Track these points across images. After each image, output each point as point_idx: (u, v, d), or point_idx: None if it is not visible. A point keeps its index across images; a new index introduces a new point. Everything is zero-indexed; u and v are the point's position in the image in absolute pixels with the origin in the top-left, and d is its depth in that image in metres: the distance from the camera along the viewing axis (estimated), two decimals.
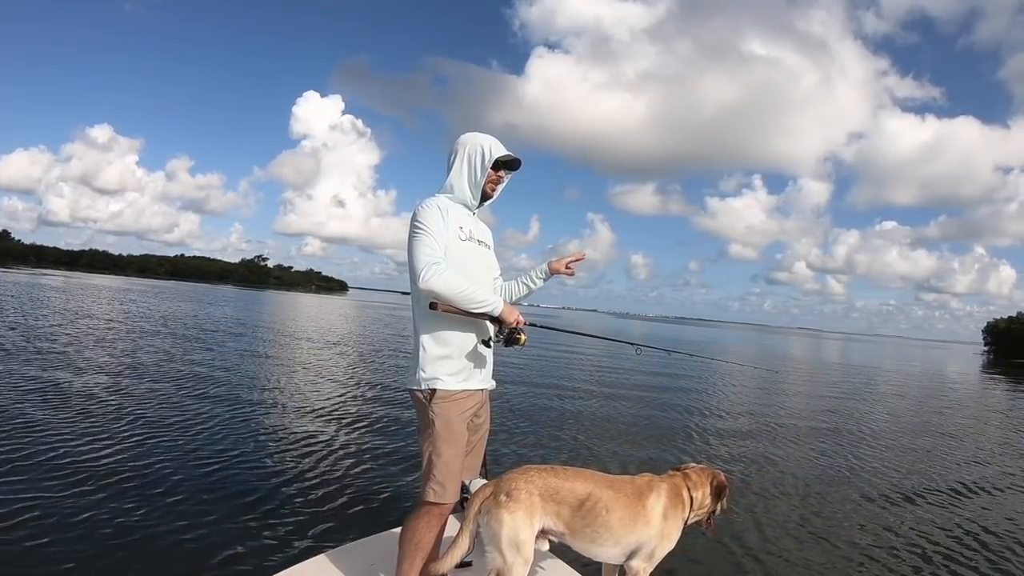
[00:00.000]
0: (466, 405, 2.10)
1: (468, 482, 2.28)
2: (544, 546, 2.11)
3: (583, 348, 21.01)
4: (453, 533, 2.09)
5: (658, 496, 2.14)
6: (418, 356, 2.09)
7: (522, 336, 2.07)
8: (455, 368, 2.07)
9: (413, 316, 2.13)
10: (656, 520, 2.10)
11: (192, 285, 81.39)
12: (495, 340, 2.12)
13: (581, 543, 2.07)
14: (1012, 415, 13.69)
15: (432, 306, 1.98)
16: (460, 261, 2.07)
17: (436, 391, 2.04)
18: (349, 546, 2.69)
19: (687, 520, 2.20)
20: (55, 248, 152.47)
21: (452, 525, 2.28)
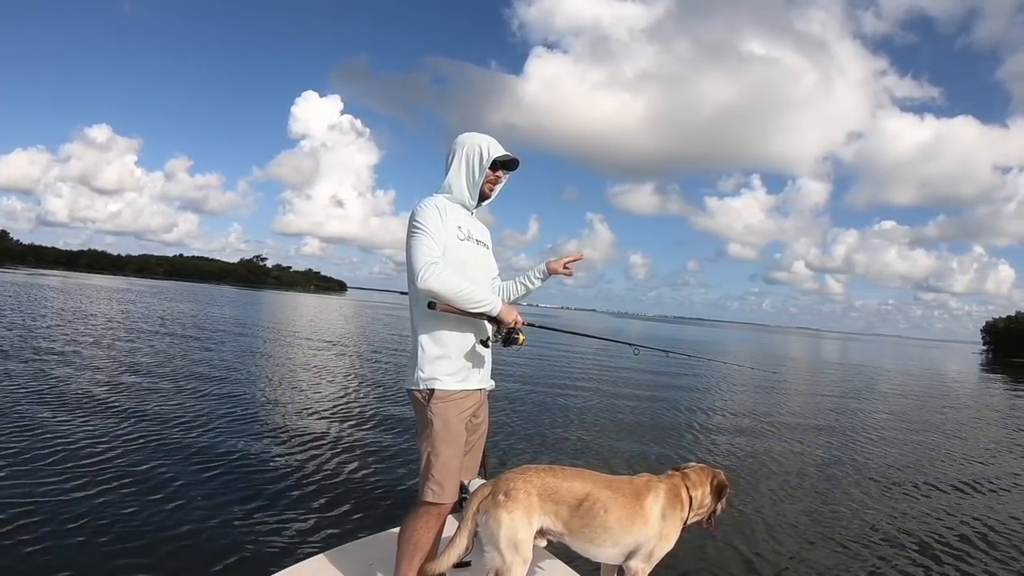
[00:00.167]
0: (464, 405, 2.10)
1: (467, 482, 2.28)
2: (542, 545, 2.11)
3: (582, 348, 21.00)
4: (452, 533, 2.09)
5: (656, 496, 2.14)
6: (416, 356, 2.08)
7: (520, 336, 2.07)
8: (454, 368, 2.07)
9: (411, 316, 2.13)
10: (654, 520, 2.10)
11: (191, 285, 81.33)
12: (494, 340, 2.12)
13: (579, 543, 2.07)
14: (1013, 414, 13.71)
15: (431, 306, 1.98)
16: (458, 261, 2.07)
17: (435, 391, 2.04)
18: (348, 546, 2.69)
19: (686, 520, 2.20)
20: (54, 248, 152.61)
21: (451, 525, 2.28)
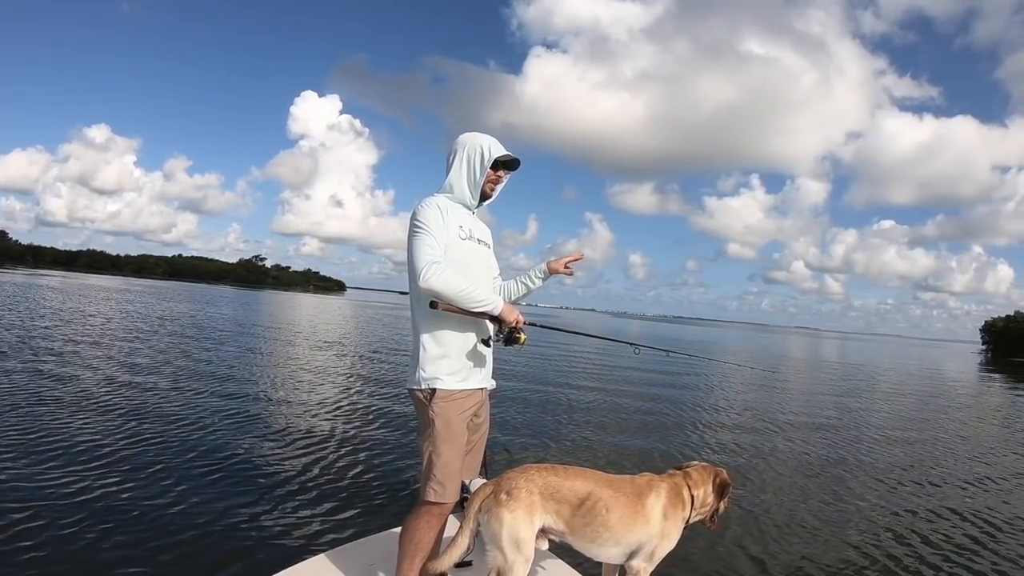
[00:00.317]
0: (466, 405, 2.10)
1: (468, 481, 2.28)
2: (544, 545, 2.11)
3: (582, 348, 21.01)
4: (453, 533, 2.09)
5: (658, 496, 2.14)
6: (418, 356, 2.08)
7: (522, 335, 2.07)
8: (455, 367, 2.07)
9: (412, 315, 2.13)
10: (656, 519, 2.11)
11: (190, 285, 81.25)
12: (495, 339, 2.12)
13: (581, 542, 2.07)
14: (1014, 413, 13.72)
15: (432, 305, 1.98)
16: (460, 260, 2.07)
17: (436, 391, 2.04)
18: (349, 546, 2.69)
19: (688, 519, 2.20)
20: (52, 248, 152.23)
21: (452, 525, 2.28)
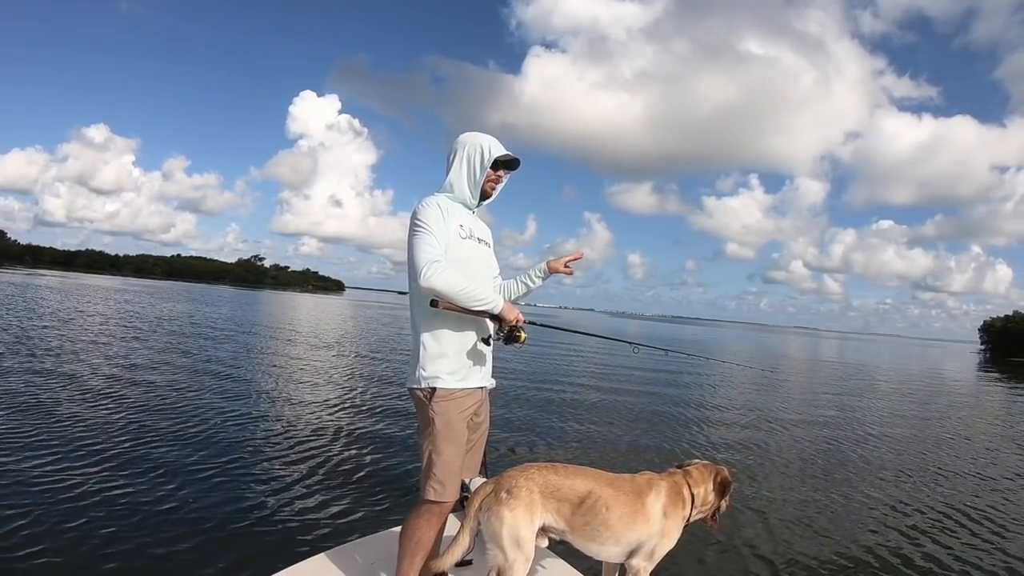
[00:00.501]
0: (466, 404, 2.10)
1: (468, 480, 2.28)
2: (544, 543, 2.11)
3: (582, 347, 21.03)
4: (453, 532, 2.09)
5: (658, 494, 2.14)
6: (418, 355, 2.08)
7: (522, 334, 2.07)
8: (455, 366, 2.07)
9: (412, 315, 2.13)
10: (656, 518, 2.11)
11: (188, 285, 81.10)
12: (495, 338, 2.13)
13: (581, 541, 2.07)
14: (1014, 413, 13.74)
15: (433, 304, 1.98)
16: (460, 259, 2.07)
17: (436, 390, 2.04)
18: (349, 545, 2.68)
19: (689, 518, 2.20)
20: (51, 248, 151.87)
21: (452, 524, 2.28)
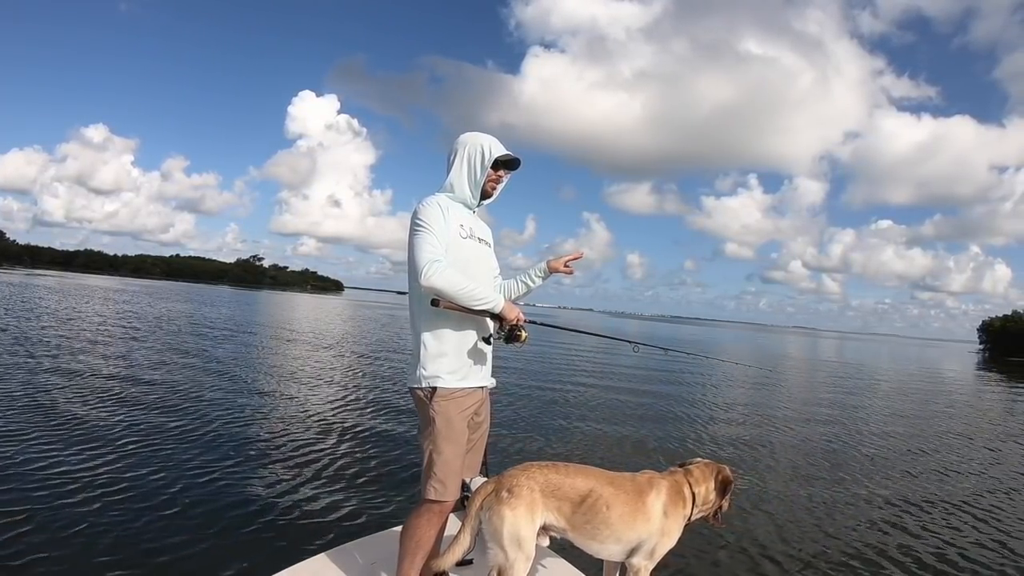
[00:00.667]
0: (466, 403, 2.10)
1: (469, 480, 2.28)
2: (545, 542, 2.11)
3: (581, 346, 21.05)
4: (453, 532, 2.09)
5: (658, 493, 2.14)
6: (419, 354, 2.08)
7: (523, 333, 2.07)
8: (455, 366, 2.07)
9: (412, 315, 2.12)
10: (656, 517, 2.11)
11: (187, 285, 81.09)
12: (496, 337, 2.12)
13: (582, 540, 2.07)
14: (1014, 412, 13.76)
15: (434, 303, 1.98)
16: (461, 259, 2.07)
17: (437, 389, 2.04)
18: (349, 545, 2.68)
19: (690, 517, 2.20)
20: (50, 248, 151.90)
21: (453, 524, 2.28)
